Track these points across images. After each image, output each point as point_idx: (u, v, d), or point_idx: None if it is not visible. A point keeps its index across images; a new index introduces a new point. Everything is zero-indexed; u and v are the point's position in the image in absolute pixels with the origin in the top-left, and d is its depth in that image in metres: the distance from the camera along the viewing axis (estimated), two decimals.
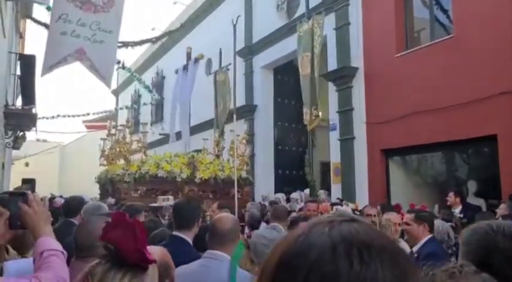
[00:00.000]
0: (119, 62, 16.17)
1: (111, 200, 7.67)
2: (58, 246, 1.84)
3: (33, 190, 2.46)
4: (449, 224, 4.97)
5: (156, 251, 1.79)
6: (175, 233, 3.12)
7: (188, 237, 3.08)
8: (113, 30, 6.41)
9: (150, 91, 20.65)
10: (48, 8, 10.69)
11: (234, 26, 10.92)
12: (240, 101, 13.26)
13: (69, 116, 22.21)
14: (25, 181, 2.58)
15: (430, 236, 3.65)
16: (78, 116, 22.99)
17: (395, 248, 0.65)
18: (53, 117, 20.08)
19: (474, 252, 1.45)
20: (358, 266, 0.59)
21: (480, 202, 7.95)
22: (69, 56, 6.12)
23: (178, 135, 13.36)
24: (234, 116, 8.33)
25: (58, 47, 6.12)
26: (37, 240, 1.81)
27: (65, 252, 1.85)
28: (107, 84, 6.83)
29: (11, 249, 2.39)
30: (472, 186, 8.43)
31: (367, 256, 0.60)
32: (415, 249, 3.53)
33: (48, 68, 6.12)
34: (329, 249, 0.61)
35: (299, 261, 0.62)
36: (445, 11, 9.17)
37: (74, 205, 4.63)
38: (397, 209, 7.50)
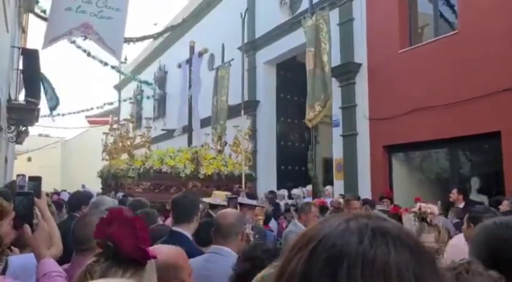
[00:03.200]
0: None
1: (120, 195, 7.67)
2: (58, 267, 1.90)
3: (39, 188, 2.47)
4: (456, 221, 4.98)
5: (165, 251, 1.79)
6: (174, 228, 3.11)
7: (187, 231, 3.08)
8: (121, 8, 6.30)
9: (149, 84, 20.65)
10: (43, 11, 10.65)
11: (243, 19, 10.86)
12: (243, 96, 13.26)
13: (71, 113, 22.25)
14: (32, 178, 2.57)
15: None
16: (82, 111, 23.03)
17: (417, 243, 0.63)
18: (58, 114, 20.09)
19: (482, 248, 1.43)
20: (368, 244, 0.58)
21: (483, 199, 7.93)
22: (75, 29, 5.95)
23: (184, 129, 13.35)
24: (242, 111, 8.30)
25: (62, 21, 5.95)
26: (38, 263, 1.87)
27: (64, 274, 1.89)
28: (117, 57, 6.71)
29: (14, 248, 2.41)
30: (475, 183, 8.42)
31: (380, 238, 0.59)
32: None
33: (50, 40, 5.95)
34: (343, 228, 0.61)
35: (312, 236, 0.62)
36: (449, 7, 9.13)
37: (77, 200, 4.64)
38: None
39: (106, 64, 14.55)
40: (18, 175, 3.49)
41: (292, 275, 0.60)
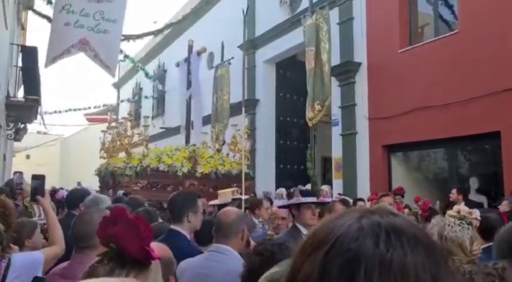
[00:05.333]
0: (121, 51, 16.19)
1: (120, 192, 7.66)
2: None
3: (43, 186, 2.48)
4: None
5: (155, 249, 1.79)
6: (171, 226, 3.12)
7: (183, 230, 3.07)
8: (117, 19, 6.40)
9: (151, 78, 20.65)
10: (49, 2, 10.69)
11: (245, 17, 10.84)
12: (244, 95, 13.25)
13: (70, 110, 22.27)
14: (35, 177, 2.59)
15: (486, 245, 2.86)
16: (79, 109, 23.04)
17: (431, 241, 0.63)
18: (55, 111, 20.12)
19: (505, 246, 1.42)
20: (384, 247, 0.57)
21: (482, 199, 7.95)
22: (73, 46, 6.13)
23: (179, 129, 13.34)
24: (243, 109, 8.30)
25: (61, 38, 6.13)
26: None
27: None
28: (111, 73, 6.84)
29: (13, 246, 2.41)
30: (474, 182, 8.42)
31: (395, 239, 0.59)
32: None
33: (51, 59, 6.14)
34: (356, 228, 0.60)
35: (324, 237, 0.61)
36: (449, 7, 9.13)
37: (76, 198, 4.63)
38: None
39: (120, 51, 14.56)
40: (15, 172, 3.52)
41: (307, 281, 0.59)
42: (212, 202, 5.23)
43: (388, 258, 0.56)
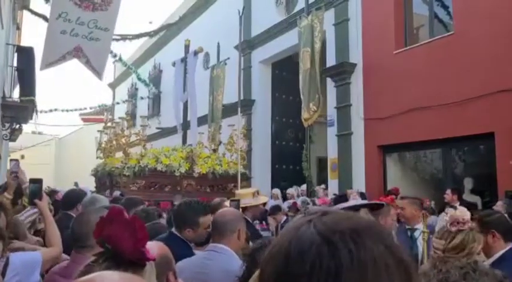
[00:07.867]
0: (115, 56, 16.28)
1: (117, 193, 7.65)
2: None
3: (40, 189, 2.50)
4: None
5: (153, 247, 1.80)
6: (172, 230, 3.14)
7: (182, 236, 3.08)
8: (109, 28, 6.72)
9: (147, 84, 20.70)
10: (47, 0, 10.72)
11: (241, 17, 10.88)
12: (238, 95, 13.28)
13: (66, 110, 22.23)
14: (33, 180, 2.62)
15: (509, 247, 2.73)
16: (75, 110, 23.01)
17: (376, 225, 0.68)
18: (50, 110, 20.08)
19: None
20: (356, 251, 0.61)
21: (476, 199, 8.00)
22: (68, 53, 6.49)
23: (175, 129, 13.33)
24: (239, 109, 8.33)
25: (57, 45, 6.45)
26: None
27: None
28: (100, 78, 7.18)
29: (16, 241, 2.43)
30: (468, 183, 8.47)
31: (359, 240, 0.63)
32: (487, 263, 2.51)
33: (47, 64, 6.38)
34: (324, 244, 0.62)
35: (298, 267, 0.62)
36: (444, 8, 9.18)
37: (71, 198, 4.62)
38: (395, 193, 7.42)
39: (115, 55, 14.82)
40: (11, 160, 3.55)
41: None
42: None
43: (363, 260, 0.61)
